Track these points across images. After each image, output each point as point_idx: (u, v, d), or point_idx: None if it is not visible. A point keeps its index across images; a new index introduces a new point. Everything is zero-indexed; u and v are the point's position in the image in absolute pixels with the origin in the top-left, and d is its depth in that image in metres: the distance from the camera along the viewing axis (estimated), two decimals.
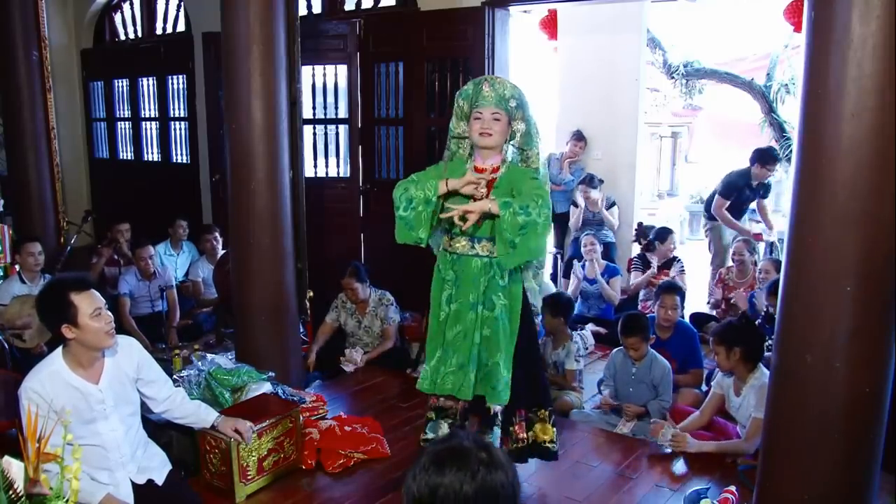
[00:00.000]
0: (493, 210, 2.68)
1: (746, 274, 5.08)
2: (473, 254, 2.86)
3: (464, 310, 2.87)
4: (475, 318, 2.85)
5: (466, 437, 1.32)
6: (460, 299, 2.88)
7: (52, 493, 1.69)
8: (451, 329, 2.90)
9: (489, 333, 2.87)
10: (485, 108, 2.77)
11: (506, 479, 1.24)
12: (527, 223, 2.65)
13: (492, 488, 1.23)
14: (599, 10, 6.34)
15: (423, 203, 2.77)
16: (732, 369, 3.39)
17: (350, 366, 4.50)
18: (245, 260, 3.77)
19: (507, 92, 2.79)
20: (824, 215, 2.23)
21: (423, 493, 1.23)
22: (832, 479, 2.36)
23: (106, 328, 2.38)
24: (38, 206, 5.53)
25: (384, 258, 5.30)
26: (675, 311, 4.17)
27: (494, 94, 2.77)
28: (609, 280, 5.46)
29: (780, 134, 7.72)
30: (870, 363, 2.27)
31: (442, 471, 1.23)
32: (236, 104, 3.62)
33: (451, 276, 2.91)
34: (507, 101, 2.79)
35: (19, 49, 5.35)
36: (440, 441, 1.32)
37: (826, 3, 2.17)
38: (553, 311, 4.10)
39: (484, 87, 2.78)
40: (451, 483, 1.22)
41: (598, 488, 3.12)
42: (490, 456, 1.26)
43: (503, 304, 2.86)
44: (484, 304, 2.85)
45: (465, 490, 1.21)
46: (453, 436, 1.33)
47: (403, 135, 5.42)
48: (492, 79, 2.84)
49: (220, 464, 2.97)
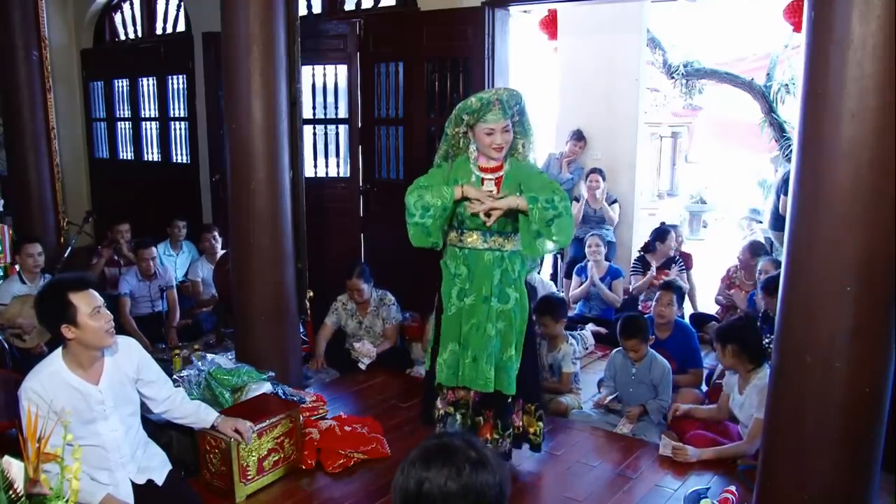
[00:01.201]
0: (522, 207, 2.81)
1: (753, 276, 5.06)
2: (486, 248, 2.94)
3: (478, 303, 2.94)
4: (488, 310, 2.92)
5: (457, 435, 1.33)
6: (474, 293, 2.95)
7: (52, 493, 1.69)
8: (467, 323, 2.96)
9: (503, 327, 2.95)
10: (496, 123, 2.85)
11: (492, 480, 1.25)
12: (554, 216, 2.80)
13: (477, 487, 1.24)
14: (599, 10, 6.34)
15: (440, 210, 2.85)
16: (733, 367, 3.40)
17: (366, 359, 4.49)
18: (245, 260, 3.77)
19: (513, 101, 2.88)
20: (824, 215, 2.23)
21: (409, 488, 1.25)
22: (832, 479, 2.36)
23: (105, 327, 2.38)
24: (38, 206, 5.53)
25: (384, 258, 5.30)
26: (671, 307, 4.17)
27: (502, 109, 2.85)
28: (612, 282, 5.46)
29: (780, 134, 7.70)
30: (870, 363, 2.27)
31: (428, 466, 1.25)
32: (236, 104, 3.62)
33: (463, 270, 2.97)
34: (512, 110, 2.90)
35: (19, 49, 5.34)
36: (431, 438, 1.33)
37: (826, 3, 2.17)
38: (547, 312, 4.08)
39: (494, 105, 2.84)
40: (435, 478, 1.23)
41: (597, 488, 3.12)
42: (478, 455, 1.27)
43: (516, 297, 2.96)
44: (499, 297, 2.93)
45: (450, 486, 1.23)
46: (445, 434, 1.34)
47: (403, 135, 5.42)
48: (498, 94, 2.88)
49: (220, 464, 2.97)
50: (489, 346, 2.91)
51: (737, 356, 3.35)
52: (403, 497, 1.26)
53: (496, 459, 1.30)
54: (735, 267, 5.25)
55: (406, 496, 1.25)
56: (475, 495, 1.23)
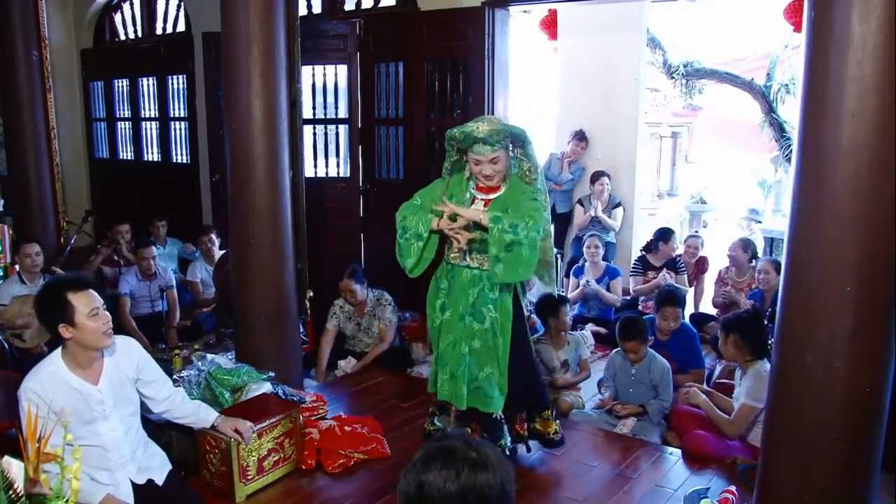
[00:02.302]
0: (483, 221, 2.73)
1: (745, 273, 5.10)
2: (464, 265, 2.93)
3: (454, 319, 2.94)
4: (464, 328, 2.91)
5: (459, 437, 1.33)
6: (451, 309, 2.95)
7: (52, 493, 1.69)
8: (445, 339, 2.97)
9: (479, 346, 2.91)
10: (482, 155, 2.82)
11: (493, 480, 1.25)
12: (513, 242, 2.68)
13: (477, 488, 1.24)
14: (599, 10, 6.34)
15: (414, 237, 2.87)
16: (733, 358, 3.43)
17: (339, 373, 4.52)
18: (245, 260, 3.77)
19: (499, 133, 2.80)
20: (824, 215, 2.23)
21: (410, 490, 1.26)
22: (832, 479, 2.36)
23: (103, 328, 2.37)
24: (38, 206, 5.53)
25: (384, 258, 5.25)
26: (677, 321, 4.18)
27: (487, 142, 2.79)
28: (610, 282, 5.46)
29: (780, 134, 7.71)
30: (870, 363, 2.27)
31: (428, 468, 1.25)
32: (236, 104, 3.62)
33: (445, 284, 3.00)
34: (501, 138, 2.82)
35: (19, 49, 5.35)
36: (435, 440, 1.34)
37: (826, 3, 2.17)
38: (549, 313, 4.09)
39: (476, 137, 2.78)
40: (434, 480, 1.24)
41: (597, 488, 3.12)
42: (479, 456, 1.27)
43: (493, 317, 2.90)
44: (473, 315, 2.90)
45: (449, 488, 1.23)
46: (447, 436, 1.34)
47: (403, 135, 5.42)
48: (476, 132, 2.81)
49: (221, 464, 2.97)
50: (462, 363, 2.91)
51: (738, 347, 3.38)
52: (405, 500, 1.26)
53: (498, 459, 1.30)
54: (726, 268, 5.27)
55: (408, 499, 1.26)
56: (475, 496, 1.23)
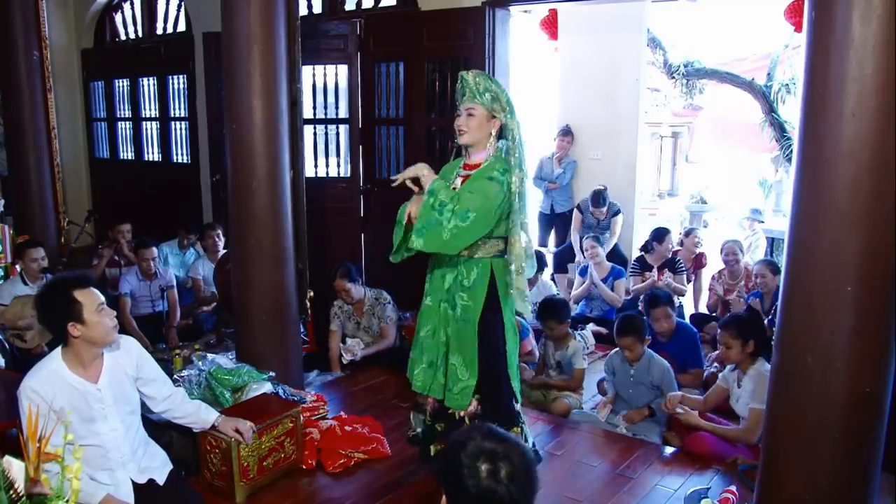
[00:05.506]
0: (424, 184, 2.72)
1: (738, 275, 5.11)
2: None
3: (434, 306, 2.93)
4: (441, 315, 2.90)
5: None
6: (431, 295, 2.95)
7: (53, 492, 1.69)
8: (425, 326, 2.96)
9: (451, 333, 2.88)
10: (461, 104, 2.77)
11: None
12: (433, 221, 2.63)
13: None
14: (599, 10, 6.34)
15: (398, 224, 2.86)
16: (737, 360, 3.41)
17: (348, 355, 4.45)
18: (245, 260, 3.77)
19: (482, 85, 2.74)
20: (825, 215, 2.23)
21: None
22: (832, 479, 2.36)
23: (111, 323, 2.40)
24: (38, 206, 5.53)
25: (384, 258, 5.25)
26: (669, 319, 4.17)
27: (468, 88, 2.75)
28: (614, 282, 5.45)
29: (781, 134, 7.71)
30: (870, 363, 2.27)
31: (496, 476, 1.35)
32: (237, 104, 3.62)
33: (430, 271, 3.00)
34: (482, 95, 2.74)
35: (20, 49, 5.35)
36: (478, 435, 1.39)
37: (826, 3, 2.17)
38: (551, 316, 4.08)
39: (463, 79, 2.76)
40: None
41: (598, 488, 3.12)
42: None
43: (464, 304, 2.84)
44: (449, 302, 2.88)
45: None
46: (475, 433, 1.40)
47: (404, 135, 5.42)
48: (467, 73, 2.78)
49: (221, 464, 2.97)
50: (440, 351, 2.89)
51: (737, 346, 3.37)
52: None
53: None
54: (718, 273, 5.27)
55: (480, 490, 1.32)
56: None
